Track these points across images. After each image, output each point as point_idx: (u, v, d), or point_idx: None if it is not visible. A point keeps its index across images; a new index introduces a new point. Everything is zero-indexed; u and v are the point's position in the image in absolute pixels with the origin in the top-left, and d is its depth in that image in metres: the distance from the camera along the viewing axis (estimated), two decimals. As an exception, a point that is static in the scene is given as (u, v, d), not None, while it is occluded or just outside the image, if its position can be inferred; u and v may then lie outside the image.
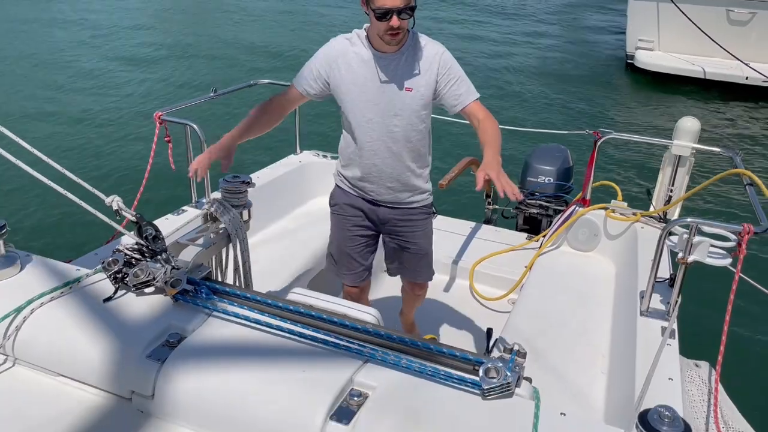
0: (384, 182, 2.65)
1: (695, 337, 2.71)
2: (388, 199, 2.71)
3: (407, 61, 2.47)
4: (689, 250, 2.37)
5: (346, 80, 2.52)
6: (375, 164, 2.60)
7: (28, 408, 1.60)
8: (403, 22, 2.33)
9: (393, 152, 2.57)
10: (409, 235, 2.80)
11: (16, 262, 1.91)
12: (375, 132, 2.54)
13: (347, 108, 2.57)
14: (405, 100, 2.49)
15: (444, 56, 2.48)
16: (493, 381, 1.50)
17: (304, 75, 2.58)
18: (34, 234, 5.44)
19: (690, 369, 2.35)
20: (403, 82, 2.48)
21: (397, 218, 2.76)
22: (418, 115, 2.52)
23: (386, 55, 2.47)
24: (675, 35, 11.69)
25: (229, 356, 1.62)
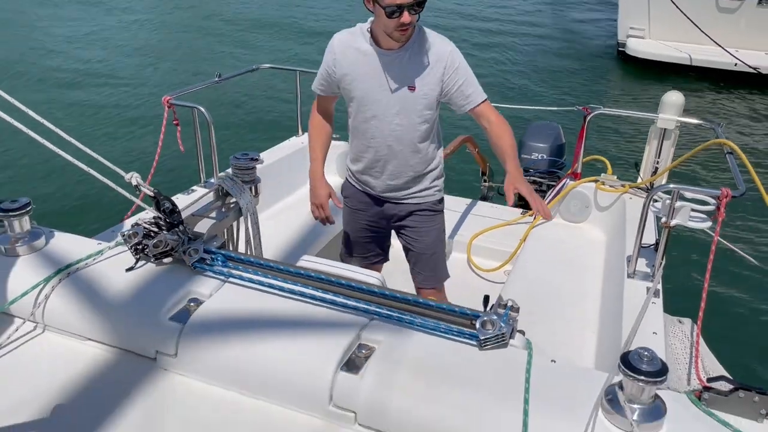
0: (386, 179, 2.63)
1: (679, 297, 2.87)
2: (392, 196, 2.68)
3: (411, 59, 2.40)
4: (672, 214, 2.50)
5: (348, 77, 2.48)
6: (377, 161, 2.58)
7: (60, 370, 1.71)
8: (413, 17, 2.26)
9: (395, 151, 2.54)
10: (414, 232, 2.75)
11: (41, 237, 2.02)
12: (377, 130, 2.51)
13: (350, 104, 2.56)
14: (407, 99, 2.43)
15: (452, 55, 2.40)
16: (489, 332, 1.63)
17: (317, 77, 2.60)
18: (55, 212, 5.69)
19: (674, 325, 2.50)
20: (406, 80, 2.41)
21: (402, 214, 2.72)
22: (420, 115, 2.47)
23: (390, 52, 2.40)
24: (665, 23, 11.77)
25: (246, 317, 1.74)
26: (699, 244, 2.75)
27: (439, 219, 2.80)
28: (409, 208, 2.71)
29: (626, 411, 1.36)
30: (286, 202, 4.07)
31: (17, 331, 1.84)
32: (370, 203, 2.76)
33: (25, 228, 2.00)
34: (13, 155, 7.03)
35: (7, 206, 1.97)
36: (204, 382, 1.67)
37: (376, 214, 2.78)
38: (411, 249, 2.81)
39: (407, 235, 2.78)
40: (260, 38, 13.19)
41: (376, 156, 2.58)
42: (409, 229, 2.76)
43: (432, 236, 2.78)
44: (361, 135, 2.58)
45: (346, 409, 1.54)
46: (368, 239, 2.87)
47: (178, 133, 3.20)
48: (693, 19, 11.05)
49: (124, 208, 2.77)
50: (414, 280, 2.92)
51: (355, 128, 2.59)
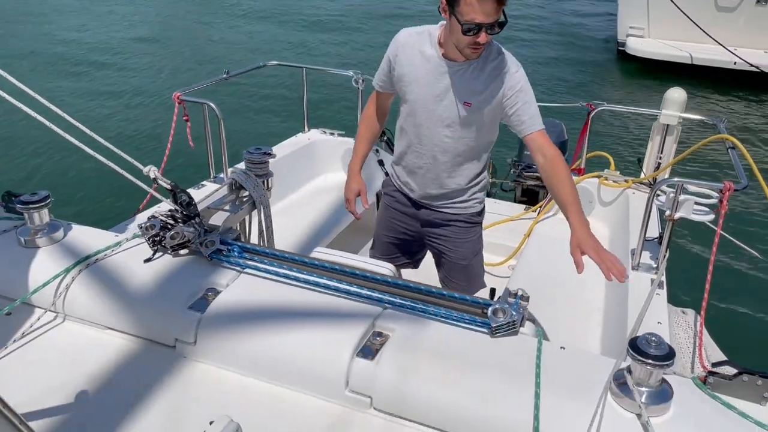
0: (425, 187, 2.57)
1: (683, 288, 2.92)
2: (429, 203, 2.62)
3: (473, 74, 2.29)
4: (676, 207, 2.55)
5: (406, 78, 2.40)
6: (420, 167, 2.52)
7: (81, 359, 1.75)
8: (489, 37, 2.15)
9: (439, 161, 2.46)
10: (448, 241, 2.67)
11: (60, 230, 2.06)
12: (425, 137, 2.44)
13: (402, 105, 2.48)
14: (460, 114, 2.33)
15: (516, 76, 2.27)
16: (500, 320, 1.68)
17: (378, 72, 2.53)
18: (69, 206, 5.81)
19: (678, 316, 2.55)
20: (464, 95, 2.31)
21: (438, 221, 2.65)
22: (472, 132, 2.37)
23: (453, 63, 2.30)
24: (665, 22, 11.78)
25: (262, 306, 1.78)
26: (702, 236, 2.79)
27: (476, 231, 2.70)
28: (445, 216, 2.63)
29: (635, 394, 1.40)
30: (293, 197, 4.12)
31: (38, 320, 1.88)
32: (407, 204, 2.69)
33: (45, 220, 2.04)
34: (30, 149, 7.22)
35: (27, 199, 2.01)
36: (222, 368, 1.71)
37: (412, 217, 2.71)
38: (444, 257, 2.72)
39: (440, 244, 2.70)
40: (269, 32, 13.29)
41: (419, 162, 2.51)
42: (443, 238, 2.68)
43: (467, 247, 2.68)
44: (407, 138, 2.51)
45: (362, 394, 1.58)
46: (398, 240, 2.82)
47: (188, 128, 3.24)
48: (692, 18, 11.09)
49: (137, 201, 2.81)
50: (447, 288, 2.76)
51: (404, 130, 2.52)
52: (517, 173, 4.48)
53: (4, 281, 1.95)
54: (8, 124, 7.56)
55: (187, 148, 3.26)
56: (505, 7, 2.11)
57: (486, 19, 2.08)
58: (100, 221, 2.85)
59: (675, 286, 2.69)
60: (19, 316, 1.87)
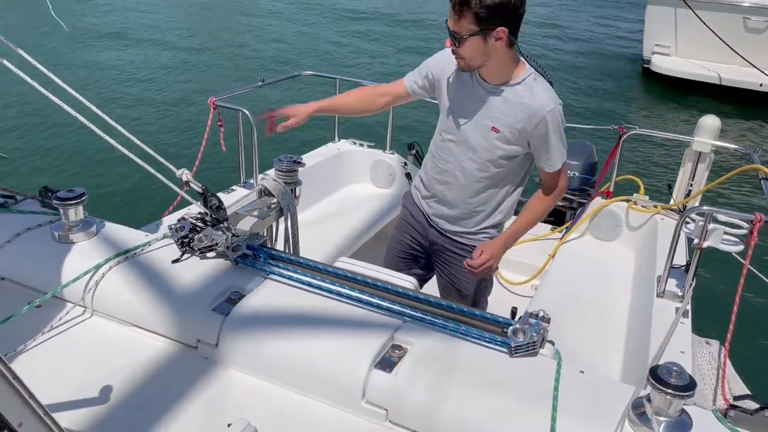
0: (443, 207, 2.53)
1: (708, 318, 2.87)
2: (442, 225, 2.57)
3: (507, 100, 2.26)
4: (704, 236, 2.52)
5: (444, 93, 2.40)
6: (440, 183, 2.50)
7: (105, 354, 1.79)
8: (458, 47, 2.15)
9: (459, 182, 2.43)
10: (452, 268, 2.63)
11: (92, 227, 2.11)
12: (450, 154, 2.42)
13: (439, 121, 2.48)
14: (487, 138, 2.31)
15: (550, 114, 2.22)
16: (520, 340, 1.67)
17: (416, 71, 2.50)
18: (101, 204, 5.98)
19: (701, 346, 2.51)
20: (493, 119, 2.28)
21: (445, 246, 2.60)
22: (494, 159, 2.33)
23: (488, 84, 2.28)
24: (692, 41, 11.65)
25: (284, 313, 1.80)
26: (730, 266, 2.75)
27: None
28: (452, 243, 2.59)
29: (653, 423, 1.39)
30: (320, 205, 4.16)
31: (67, 314, 1.93)
32: (420, 221, 2.67)
33: (79, 217, 2.09)
34: (70, 147, 7.49)
35: (63, 195, 2.07)
36: (242, 372, 1.73)
37: (422, 233, 2.69)
38: (445, 283, 2.69)
39: (446, 269, 2.66)
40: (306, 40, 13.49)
41: (441, 178, 2.49)
42: (447, 265, 2.65)
43: (470, 279, 2.61)
44: (435, 151, 2.51)
45: (378, 405, 1.59)
46: (407, 255, 2.79)
47: (221, 134, 3.30)
48: (720, 38, 10.95)
49: (169, 202, 2.87)
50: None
51: (434, 143, 2.52)
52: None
53: (37, 274, 2.00)
54: (52, 123, 7.83)
55: (219, 152, 3.32)
56: (473, 26, 2.09)
57: (450, 25, 2.13)
58: (133, 219, 2.92)
59: (700, 316, 2.65)
60: (49, 309, 1.92)
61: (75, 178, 6.76)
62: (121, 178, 6.48)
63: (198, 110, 8.86)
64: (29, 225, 2.13)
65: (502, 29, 2.10)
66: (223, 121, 3.24)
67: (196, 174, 3.29)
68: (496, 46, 2.14)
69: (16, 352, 1.76)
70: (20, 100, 8.64)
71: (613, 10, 18.44)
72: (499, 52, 2.17)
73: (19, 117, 8.36)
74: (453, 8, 2.09)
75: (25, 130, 8.00)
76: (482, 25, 2.08)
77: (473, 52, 2.15)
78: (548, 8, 18.33)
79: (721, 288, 4.21)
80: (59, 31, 12.89)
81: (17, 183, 6.32)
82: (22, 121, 8.26)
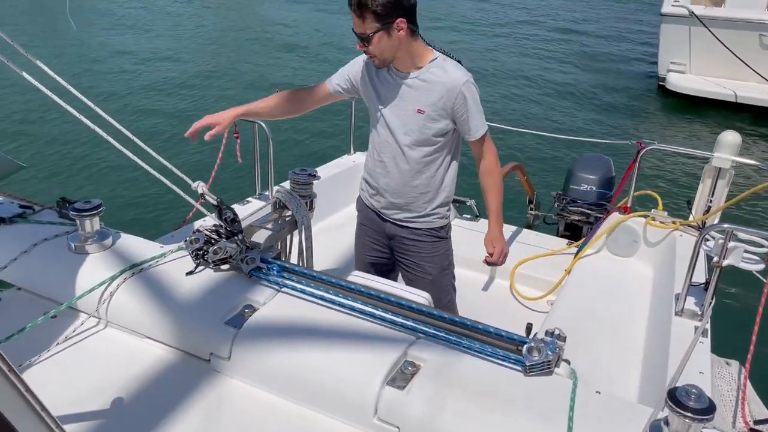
0: (390, 198, 2.69)
1: (727, 338, 2.82)
2: (394, 216, 2.73)
3: (424, 83, 2.48)
4: (724, 254, 2.48)
5: (369, 93, 2.62)
6: (383, 175, 2.66)
7: (119, 365, 1.80)
8: (366, 47, 2.39)
9: (401, 169, 2.60)
10: (413, 256, 2.77)
11: (109, 237, 2.13)
12: (387, 145, 2.60)
13: (370, 119, 2.68)
14: (417, 121, 2.51)
15: (464, 86, 2.45)
16: (535, 359, 1.66)
17: (337, 75, 2.70)
18: (121, 215, 6.04)
19: (721, 366, 2.46)
20: (416, 103, 2.49)
21: (402, 236, 2.75)
22: (428, 139, 2.54)
23: (402, 73, 2.51)
24: (707, 58, 11.56)
25: (297, 327, 1.80)
26: (751, 284, 2.70)
27: (441, 247, 2.79)
28: (409, 232, 2.74)
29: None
30: (334, 217, 4.16)
31: (82, 325, 1.94)
32: (375, 220, 2.82)
33: (95, 228, 2.11)
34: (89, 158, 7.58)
35: (81, 206, 2.08)
36: (253, 386, 1.73)
37: (380, 232, 2.83)
38: (409, 273, 2.81)
39: (407, 259, 2.79)
40: (324, 56, 13.54)
41: (383, 170, 2.65)
42: (409, 254, 2.78)
43: (434, 262, 2.77)
44: (373, 148, 2.69)
45: (390, 423, 1.57)
46: (373, 258, 2.91)
47: (238, 145, 3.32)
48: (737, 56, 10.86)
49: (185, 213, 2.89)
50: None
51: (371, 141, 2.70)
52: (561, 207, 4.43)
53: (53, 284, 2.02)
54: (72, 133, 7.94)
55: (235, 163, 3.34)
56: (375, 23, 2.31)
57: (356, 29, 2.37)
58: (149, 231, 2.94)
59: (719, 335, 2.59)
60: (64, 320, 1.94)
61: (93, 189, 6.84)
62: (140, 190, 6.54)
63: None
64: (46, 235, 2.15)
65: (400, 20, 2.34)
66: (240, 133, 3.25)
67: (212, 185, 3.32)
68: (400, 37, 2.38)
69: (30, 363, 1.77)
70: (41, 110, 8.78)
71: (628, 27, 18.38)
72: (404, 41, 2.40)
73: (39, 127, 8.49)
74: (354, 13, 2.34)
75: (46, 141, 8.11)
76: (382, 21, 2.32)
77: (382, 48, 2.39)
78: (563, 26, 18.34)
79: (742, 306, 4.13)
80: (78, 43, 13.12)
81: (36, 193, 6.39)
82: (41, 131, 8.38)
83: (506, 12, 19.77)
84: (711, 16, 11.06)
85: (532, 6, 20.96)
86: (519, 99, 11.21)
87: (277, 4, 19.49)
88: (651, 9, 17.92)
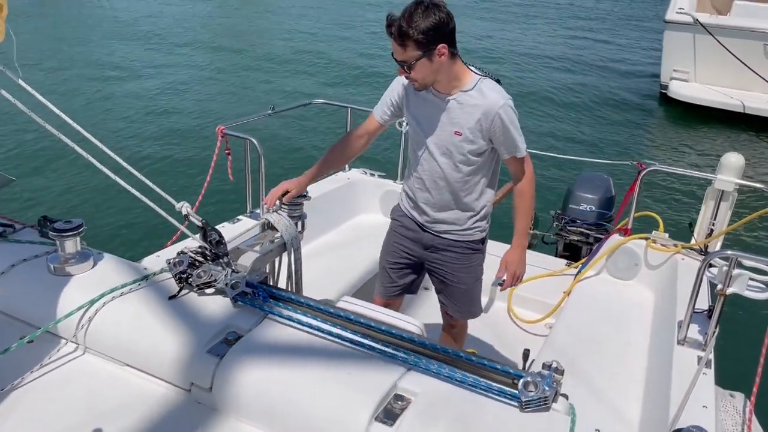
0: (431, 212, 2.74)
1: (732, 369, 2.73)
2: (432, 228, 2.78)
3: (462, 105, 2.52)
4: (728, 282, 2.40)
5: (410, 111, 2.66)
6: (423, 192, 2.72)
7: (95, 394, 1.72)
8: (410, 73, 2.41)
9: (440, 187, 2.67)
10: (450, 267, 2.83)
11: (89, 259, 2.05)
12: (426, 164, 2.66)
13: (409, 137, 2.74)
14: (453, 142, 2.56)
15: (502, 109, 2.48)
16: (531, 394, 1.58)
17: (381, 104, 2.75)
18: (103, 234, 5.90)
19: (725, 399, 2.37)
20: (454, 125, 2.54)
21: (440, 247, 2.80)
22: (465, 159, 2.58)
23: (442, 95, 2.55)
24: (712, 67, 11.52)
25: (283, 356, 1.72)
26: (756, 312, 2.63)
27: (477, 258, 2.85)
28: (447, 242, 2.78)
29: None
30: (329, 236, 4.08)
31: (59, 351, 1.86)
32: (413, 227, 2.84)
33: (76, 249, 2.03)
34: (72, 174, 7.38)
35: (60, 227, 2.01)
36: (236, 419, 1.66)
37: (415, 240, 2.85)
38: (445, 281, 2.86)
39: (441, 269, 2.84)
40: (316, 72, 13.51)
41: (423, 187, 2.71)
42: (445, 264, 2.83)
43: (468, 272, 2.84)
44: (412, 165, 2.75)
45: None
46: (399, 265, 2.94)
47: (229, 162, 3.25)
48: (745, 63, 10.83)
49: (171, 233, 2.81)
50: (445, 311, 2.99)
51: (410, 158, 2.77)
52: (560, 226, 4.36)
53: (30, 307, 1.94)
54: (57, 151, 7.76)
55: (226, 181, 3.27)
56: (417, 51, 2.34)
57: (397, 56, 2.40)
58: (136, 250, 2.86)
59: (723, 365, 2.51)
60: (41, 345, 1.86)
61: (78, 208, 6.68)
62: (128, 208, 6.37)
63: (207, 138, 8.77)
64: (26, 255, 2.08)
65: (442, 46, 2.37)
66: (231, 150, 3.19)
67: (203, 203, 3.26)
68: (441, 62, 2.40)
69: (5, 390, 1.69)
70: (25, 128, 8.55)
71: (631, 34, 18.42)
72: (445, 66, 2.43)
73: (23, 145, 8.29)
74: (395, 42, 2.37)
75: (28, 157, 7.93)
76: (424, 49, 2.35)
77: (423, 73, 2.42)
78: (566, 33, 18.41)
79: (746, 335, 3.99)
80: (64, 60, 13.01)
81: (17, 210, 6.25)
82: (26, 148, 8.18)
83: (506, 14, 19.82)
84: (716, 24, 11.05)
85: (530, 12, 21.07)
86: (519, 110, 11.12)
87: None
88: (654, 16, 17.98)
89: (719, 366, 2.44)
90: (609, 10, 22.58)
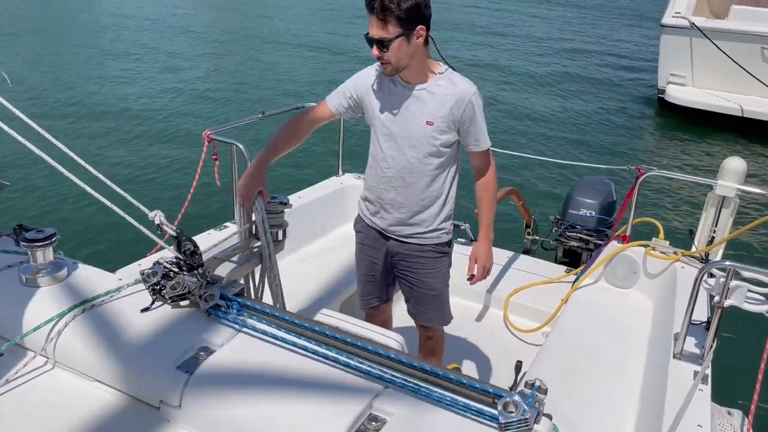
0: (397, 213, 2.66)
1: (729, 385, 2.64)
2: (398, 233, 2.70)
3: (432, 94, 2.49)
4: (726, 294, 2.32)
5: (373, 106, 2.59)
6: (388, 190, 2.64)
7: (63, 411, 1.66)
8: (382, 53, 2.35)
9: (407, 183, 2.59)
10: (418, 272, 2.76)
11: (63, 269, 2.00)
12: (392, 161, 2.58)
13: (372, 134, 2.66)
14: (424, 133, 2.50)
15: (473, 97, 2.48)
16: (511, 416, 1.50)
17: (338, 93, 2.67)
18: (82, 242, 5.74)
19: (722, 416, 2.29)
20: (425, 114, 2.49)
21: (406, 253, 2.73)
22: (436, 151, 2.53)
23: (410, 84, 2.50)
24: (709, 71, 11.40)
25: (254, 372, 1.66)
26: (755, 325, 2.54)
27: (445, 262, 2.79)
28: (414, 248, 2.72)
29: None
30: (314, 245, 4.00)
31: (26, 365, 1.81)
32: (377, 238, 2.79)
33: (48, 259, 1.98)
34: (41, 184, 7.17)
35: (32, 236, 1.95)
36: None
37: (381, 250, 2.79)
38: (414, 288, 2.80)
39: (410, 275, 2.78)
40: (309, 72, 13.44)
41: (388, 185, 2.63)
42: (412, 270, 2.77)
43: (437, 277, 2.78)
44: (376, 163, 2.65)
45: None
46: (373, 278, 2.88)
47: (216, 168, 3.19)
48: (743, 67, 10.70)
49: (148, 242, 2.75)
50: (417, 319, 2.91)
51: (373, 156, 2.67)
52: (559, 232, 4.28)
53: (0, 320, 1.88)
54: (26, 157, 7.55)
55: (213, 187, 3.21)
56: (398, 28, 2.30)
57: (374, 34, 2.33)
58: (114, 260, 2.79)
59: (720, 381, 2.42)
60: (10, 359, 1.80)
61: (56, 214, 6.47)
62: (106, 216, 5.99)
63: (194, 143, 8.54)
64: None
65: (421, 27, 2.35)
66: (219, 155, 3.12)
67: (188, 210, 3.21)
68: (418, 44, 2.38)
69: None
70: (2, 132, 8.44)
71: (627, 39, 18.28)
72: (420, 50, 2.41)
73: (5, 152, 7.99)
74: (376, 17, 2.30)
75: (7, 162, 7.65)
76: (405, 26, 2.32)
77: (399, 54, 2.37)
78: (562, 35, 18.31)
79: (745, 350, 3.90)
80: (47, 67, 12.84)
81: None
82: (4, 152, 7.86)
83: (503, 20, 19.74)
84: (713, 27, 10.95)
85: (528, 17, 20.98)
86: (516, 114, 11.09)
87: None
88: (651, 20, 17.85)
89: (717, 380, 2.35)
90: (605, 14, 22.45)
